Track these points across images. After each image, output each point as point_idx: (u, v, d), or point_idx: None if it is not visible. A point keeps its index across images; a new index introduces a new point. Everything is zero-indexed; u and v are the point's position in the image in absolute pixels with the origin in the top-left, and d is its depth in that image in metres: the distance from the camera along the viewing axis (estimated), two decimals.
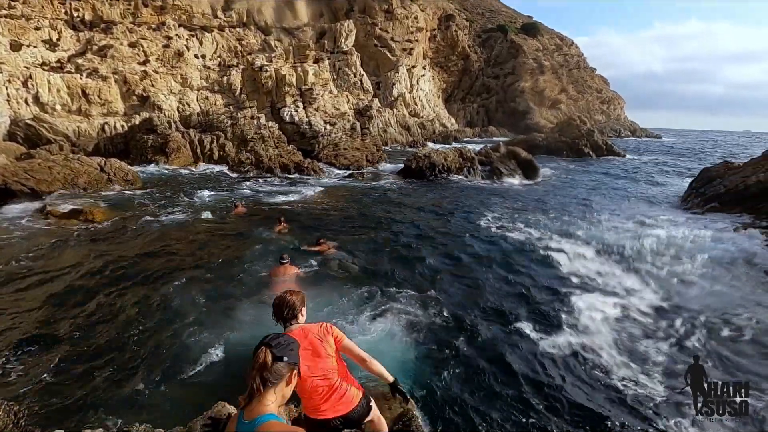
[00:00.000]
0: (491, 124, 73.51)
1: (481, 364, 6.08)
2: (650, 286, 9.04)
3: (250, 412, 1.82)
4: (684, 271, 9.96)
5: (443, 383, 5.58)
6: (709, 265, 10.27)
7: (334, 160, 28.72)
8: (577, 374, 5.92)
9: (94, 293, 8.00)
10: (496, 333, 7.01)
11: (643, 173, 31.68)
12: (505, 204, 18.07)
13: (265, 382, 1.84)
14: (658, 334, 6.97)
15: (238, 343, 6.44)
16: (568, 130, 44.84)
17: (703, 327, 7.16)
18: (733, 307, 7.98)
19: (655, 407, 5.09)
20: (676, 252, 11.31)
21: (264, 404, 1.82)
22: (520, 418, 5.03)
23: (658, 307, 8.01)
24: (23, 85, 28.74)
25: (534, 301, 8.24)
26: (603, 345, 6.61)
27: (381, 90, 54.17)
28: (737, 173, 17.92)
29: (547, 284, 9.13)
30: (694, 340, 6.78)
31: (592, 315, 7.52)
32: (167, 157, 24.31)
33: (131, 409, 4.88)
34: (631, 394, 5.45)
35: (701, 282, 9.38)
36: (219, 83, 38.51)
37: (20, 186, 14.95)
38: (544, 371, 5.97)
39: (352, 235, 12.75)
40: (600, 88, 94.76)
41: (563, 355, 6.37)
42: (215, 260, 10.13)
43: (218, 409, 3.60)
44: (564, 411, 5.16)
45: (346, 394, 2.89)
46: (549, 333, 6.97)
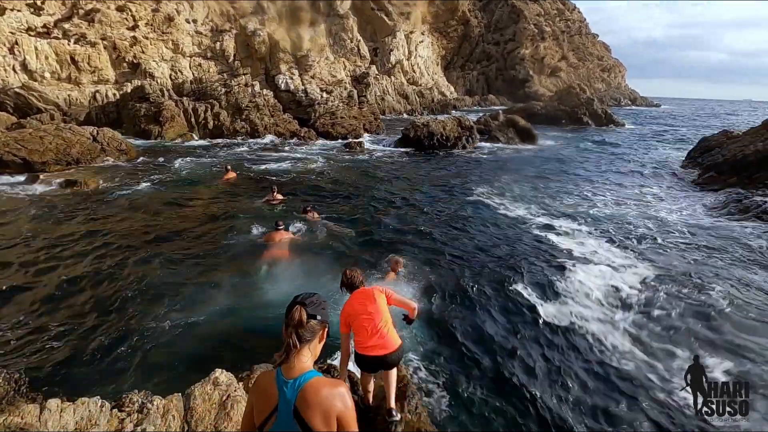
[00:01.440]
0: (491, 93, 72.36)
1: (469, 335, 6.19)
2: (638, 258, 9.12)
3: (291, 370, 1.86)
4: (672, 245, 10.05)
5: (433, 350, 5.69)
6: (696, 241, 10.37)
7: (331, 129, 28.33)
8: (569, 347, 6.04)
9: (91, 263, 8.01)
10: (486, 301, 7.08)
11: (641, 142, 31.49)
12: (500, 173, 17.98)
13: (301, 339, 1.89)
14: (645, 306, 7.07)
15: (231, 310, 6.51)
16: (567, 98, 44.24)
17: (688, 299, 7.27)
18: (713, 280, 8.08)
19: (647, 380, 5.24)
20: (664, 227, 11.39)
21: (303, 361, 1.89)
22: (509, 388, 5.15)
23: (647, 278, 8.09)
24: (10, 52, 27.95)
25: (525, 270, 8.29)
26: (595, 314, 6.72)
27: (378, 57, 52.93)
28: (736, 142, 17.81)
29: (535, 254, 9.18)
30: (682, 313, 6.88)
31: (582, 286, 7.59)
32: (161, 126, 23.91)
33: (128, 378, 4.96)
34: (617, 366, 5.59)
35: (688, 256, 9.48)
36: (212, 49, 37.54)
37: (12, 156, 14.74)
38: (530, 341, 6.08)
39: (346, 204, 12.75)
40: (601, 56, 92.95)
41: (547, 321, 6.47)
42: (208, 227, 10.16)
43: (215, 376, 3.66)
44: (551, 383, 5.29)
45: (388, 337, 3.54)
46: (540, 298, 7.06)
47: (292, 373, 1.85)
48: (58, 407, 3.21)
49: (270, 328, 5.95)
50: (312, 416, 1.77)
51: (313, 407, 1.78)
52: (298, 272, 7.78)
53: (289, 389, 1.82)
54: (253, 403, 1.94)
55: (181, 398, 3.52)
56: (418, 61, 58.73)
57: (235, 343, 5.75)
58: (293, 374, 1.84)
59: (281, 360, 1.88)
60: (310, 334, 1.92)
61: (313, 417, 1.77)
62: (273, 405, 1.84)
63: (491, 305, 6.95)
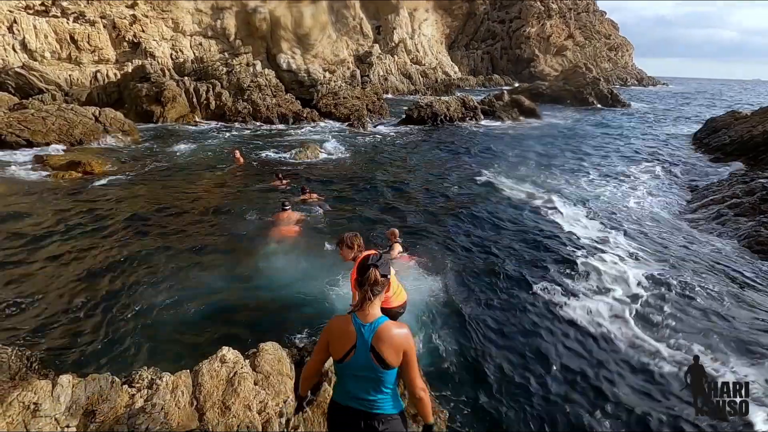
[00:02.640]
0: (495, 72, 71.25)
1: (481, 318, 6.25)
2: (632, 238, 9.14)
3: (366, 316, 2.39)
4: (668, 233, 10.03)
5: (439, 330, 5.76)
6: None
7: (334, 109, 28.07)
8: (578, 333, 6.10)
9: (98, 244, 8.08)
10: (490, 284, 7.14)
11: (644, 124, 31.10)
12: (504, 154, 17.88)
13: (375, 294, 2.41)
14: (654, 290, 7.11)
15: (239, 289, 6.60)
16: (573, 78, 43.66)
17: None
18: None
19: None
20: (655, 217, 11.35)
21: (376, 309, 2.43)
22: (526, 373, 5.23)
23: (654, 264, 8.12)
24: (9, 31, 27.65)
25: (530, 254, 8.34)
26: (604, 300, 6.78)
27: (381, 35, 52.08)
28: (744, 123, 17.61)
29: (538, 238, 9.21)
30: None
31: (589, 269, 7.62)
32: (163, 107, 23.76)
33: (137, 356, 5.06)
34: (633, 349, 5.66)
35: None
36: (212, 28, 37.01)
37: (15, 137, 14.76)
38: (544, 326, 6.14)
39: (348, 184, 12.79)
40: (609, 34, 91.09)
41: (558, 303, 6.53)
42: (216, 209, 10.22)
43: (222, 354, 3.73)
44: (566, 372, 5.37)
45: (399, 292, 4.11)
46: (543, 282, 7.11)
47: (367, 318, 2.38)
48: (70, 383, 3.29)
49: (277, 305, 6.06)
50: (385, 350, 2.32)
51: (386, 344, 2.32)
52: (304, 250, 7.87)
53: (366, 330, 2.35)
54: (329, 341, 2.47)
55: (190, 375, 3.61)
56: (422, 40, 57.77)
57: (243, 321, 5.83)
58: (368, 319, 2.38)
59: (356, 308, 2.42)
60: (381, 288, 2.44)
61: (386, 351, 2.32)
62: (352, 342, 2.36)
63: (497, 284, 7.01)
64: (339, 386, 2.53)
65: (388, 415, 2.42)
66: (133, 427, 3.10)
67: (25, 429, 2.94)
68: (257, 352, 3.94)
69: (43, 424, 3.00)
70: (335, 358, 2.44)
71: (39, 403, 3.07)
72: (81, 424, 3.14)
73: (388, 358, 2.32)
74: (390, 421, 2.41)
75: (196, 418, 3.32)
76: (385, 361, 2.32)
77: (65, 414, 3.12)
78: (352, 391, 2.43)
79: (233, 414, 3.33)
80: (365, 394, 2.40)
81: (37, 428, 2.96)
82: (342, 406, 2.47)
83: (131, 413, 3.21)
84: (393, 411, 2.44)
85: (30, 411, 3.02)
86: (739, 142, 16.03)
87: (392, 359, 2.33)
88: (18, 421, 2.95)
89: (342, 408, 2.47)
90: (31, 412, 3.02)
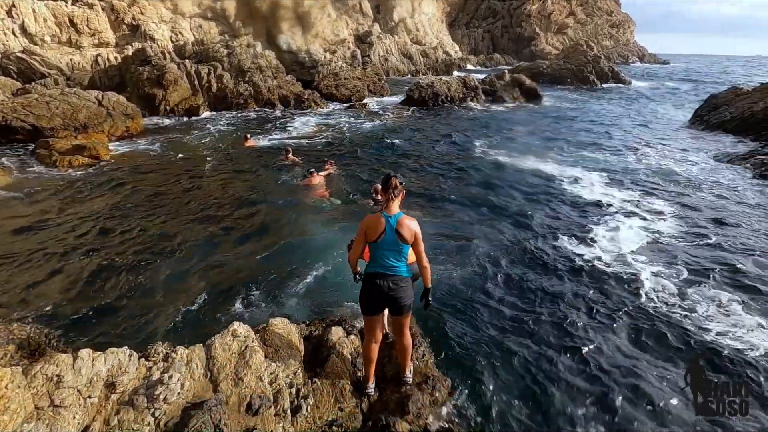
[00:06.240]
0: (496, 51, 70.27)
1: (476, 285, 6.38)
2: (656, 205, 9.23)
3: (391, 211, 3.52)
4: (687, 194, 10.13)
5: (442, 303, 5.90)
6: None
7: (335, 90, 27.91)
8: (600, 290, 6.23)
9: (113, 224, 8.26)
10: (504, 252, 7.25)
11: (645, 100, 30.98)
12: (507, 130, 17.89)
13: (395, 195, 3.53)
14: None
15: (255, 266, 6.79)
16: (573, 56, 43.08)
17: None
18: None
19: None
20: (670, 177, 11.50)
21: (396, 206, 3.56)
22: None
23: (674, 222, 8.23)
24: (8, 15, 27.42)
25: (545, 221, 8.46)
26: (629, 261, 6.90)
27: (381, 14, 51.27)
28: (745, 99, 17.45)
29: (555, 205, 9.38)
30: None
31: (608, 234, 7.97)
32: (165, 90, 23.67)
33: (152, 330, 5.24)
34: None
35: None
36: (212, 9, 36.53)
37: (21, 122, 14.81)
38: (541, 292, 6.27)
39: (355, 163, 13.04)
40: (611, 10, 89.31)
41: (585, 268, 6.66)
42: (235, 190, 10.62)
43: (234, 328, 3.88)
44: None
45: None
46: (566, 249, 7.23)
47: (391, 212, 3.52)
48: (90, 356, 3.44)
49: (297, 275, 6.34)
50: (404, 232, 3.46)
51: (404, 227, 3.46)
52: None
53: (392, 220, 3.49)
54: (365, 230, 3.54)
55: (203, 348, 3.76)
56: (422, 18, 56.85)
57: (249, 299, 6.00)
58: (392, 213, 3.51)
59: (384, 207, 3.56)
60: (398, 191, 3.55)
61: (405, 232, 3.46)
62: (383, 228, 3.49)
63: (504, 250, 7.13)
64: (371, 262, 3.61)
65: (404, 277, 3.57)
66: (151, 397, 3.27)
67: (49, 400, 3.10)
68: (267, 327, 4.09)
69: (66, 395, 3.15)
70: (371, 240, 3.52)
71: (61, 375, 3.22)
72: (102, 394, 3.31)
73: (405, 235, 3.45)
74: (404, 281, 3.55)
75: (211, 388, 3.49)
76: (404, 238, 3.45)
77: (87, 385, 3.28)
78: (380, 261, 3.54)
79: (246, 385, 3.50)
80: (390, 261, 3.52)
81: (60, 399, 3.12)
82: (374, 273, 3.55)
83: (149, 384, 3.37)
84: (407, 275, 3.60)
85: (53, 383, 3.17)
86: (739, 118, 15.91)
87: (408, 237, 3.47)
88: (42, 392, 3.11)
89: (374, 274, 3.55)
90: (54, 383, 3.17)
